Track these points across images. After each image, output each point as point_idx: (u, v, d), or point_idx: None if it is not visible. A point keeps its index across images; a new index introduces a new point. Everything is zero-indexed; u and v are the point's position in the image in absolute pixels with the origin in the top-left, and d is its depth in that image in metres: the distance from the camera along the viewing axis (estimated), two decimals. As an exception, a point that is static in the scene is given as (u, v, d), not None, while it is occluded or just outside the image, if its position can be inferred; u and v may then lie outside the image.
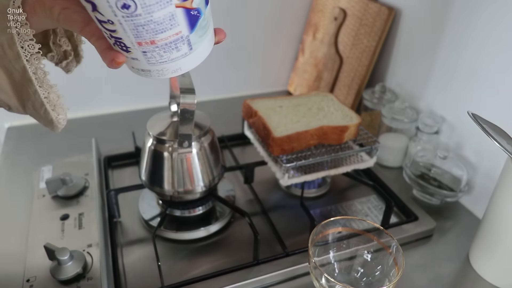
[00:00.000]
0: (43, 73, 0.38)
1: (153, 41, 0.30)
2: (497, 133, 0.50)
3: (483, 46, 0.64)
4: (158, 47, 0.31)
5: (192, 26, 0.31)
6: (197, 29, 0.31)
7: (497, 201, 0.54)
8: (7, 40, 0.34)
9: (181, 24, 0.30)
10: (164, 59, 0.32)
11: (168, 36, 0.30)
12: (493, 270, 0.56)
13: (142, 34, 0.29)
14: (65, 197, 0.62)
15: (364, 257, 0.51)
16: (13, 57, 0.35)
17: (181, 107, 0.51)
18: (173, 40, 0.31)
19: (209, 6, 0.32)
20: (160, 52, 0.31)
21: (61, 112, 0.40)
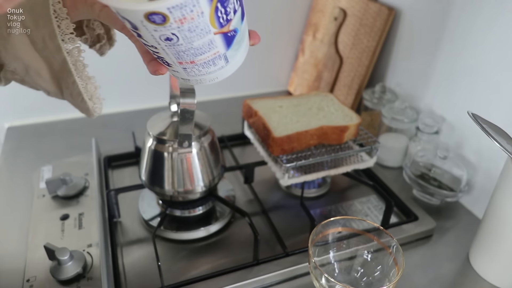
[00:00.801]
0: (82, 65, 0.39)
1: (192, 61, 0.33)
2: (497, 133, 0.50)
3: (483, 46, 0.64)
4: (197, 65, 0.33)
5: (228, 44, 0.33)
6: (233, 46, 0.34)
7: (497, 201, 0.54)
8: (48, 33, 0.35)
9: (218, 46, 0.32)
10: (202, 73, 0.35)
11: (206, 57, 0.33)
12: (493, 270, 0.56)
13: (183, 57, 0.32)
14: (65, 197, 0.62)
15: (364, 257, 0.51)
16: (54, 50, 0.36)
17: (181, 107, 0.51)
18: (211, 59, 0.33)
19: (245, 18, 0.34)
20: (199, 68, 0.34)
21: (97, 102, 0.42)
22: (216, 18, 0.29)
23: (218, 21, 0.30)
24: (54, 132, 0.88)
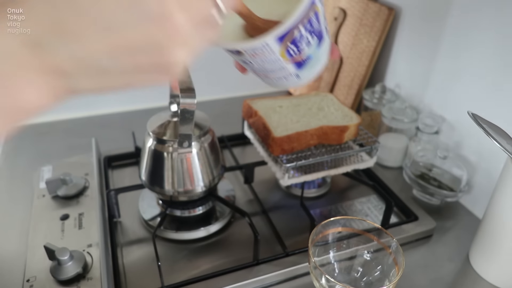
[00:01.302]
0: None
1: (266, 76, 0.37)
2: (497, 133, 0.50)
3: (483, 46, 0.64)
4: (270, 78, 0.37)
5: (300, 67, 0.35)
6: (305, 68, 0.36)
7: (497, 201, 0.53)
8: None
9: (290, 69, 0.35)
10: (275, 83, 0.38)
11: (278, 75, 0.36)
12: (493, 270, 0.56)
13: (257, 72, 0.37)
14: (65, 197, 0.62)
15: (364, 257, 0.51)
16: None
17: (181, 107, 0.51)
18: (283, 76, 0.36)
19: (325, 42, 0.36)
20: (272, 79, 0.38)
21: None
22: (287, 53, 0.32)
23: (289, 54, 0.33)
24: (54, 132, 0.88)
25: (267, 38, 0.30)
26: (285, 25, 0.30)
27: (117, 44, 0.20)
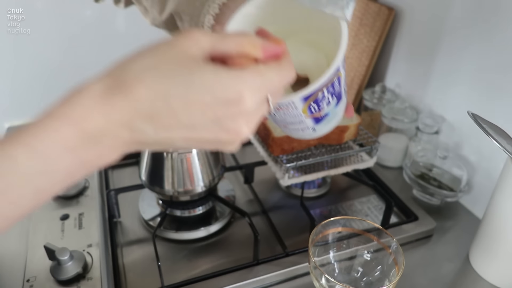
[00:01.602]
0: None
1: (285, 126, 0.40)
2: (497, 133, 0.50)
3: (483, 46, 0.64)
4: (289, 128, 0.41)
5: (317, 122, 0.39)
6: (322, 123, 0.39)
7: (497, 201, 0.53)
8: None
9: (308, 123, 0.38)
10: (291, 133, 0.42)
11: (296, 127, 0.39)
12: (493, 270, 0.56)
13: (277, 122, 0.40)
14: (65, 197, 0.62)
15: (364, 257, 0.51)
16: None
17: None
18: (300, 128, 0.39)
19: (342, 101, 0.39)
20: (290, 130, 0.41)
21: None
22: (308, 110, 0.36)
23: (310, 111, 0.36)
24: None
25: (294, 98, 0.34)
26: (312, 88, 0.33)
27: (193, 138, 0.27)
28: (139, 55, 0.26)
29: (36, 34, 0.82)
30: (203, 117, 0.25)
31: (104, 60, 0.68)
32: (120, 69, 0.25)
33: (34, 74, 0.86)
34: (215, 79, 0.25)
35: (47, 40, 0.84)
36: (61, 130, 0.23)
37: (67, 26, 0.84)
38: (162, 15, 0.51)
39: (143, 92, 0.24)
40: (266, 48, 0.28)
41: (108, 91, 0.24)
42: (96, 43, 0.88)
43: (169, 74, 0.24)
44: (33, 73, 0.86)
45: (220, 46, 0.26)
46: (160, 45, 0.26)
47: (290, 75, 0.29)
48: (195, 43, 0.26)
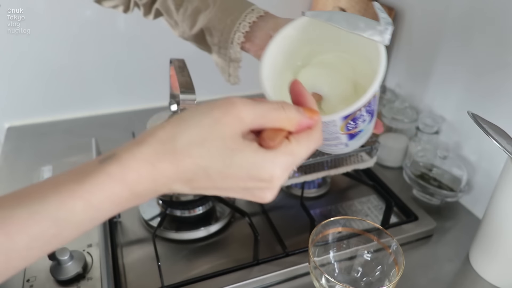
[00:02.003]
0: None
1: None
2: (497, 133, 0.50)
3: (483, 46, 0.64)
4: (323, 144, 0.42)
5: (351, 138, 0.40)
6: (355, 139, 0.41)
7: (497, 201, 0.53)
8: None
9: (342, 139, 0.40)
10: (325, 148, 0.43)
11: (330, 143, 0.41)
12: (493, 270, 0.56)
13: None
14: (65, 197, 0.62)
15: (364, 257, 0.51)
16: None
17: (181, 107, 0.51)
18: (334, 144, 0.41)
19: (373, 118, 0.41)
20: (324, 146, 0.42)
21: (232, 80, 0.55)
22: (345, 127, 0.38)
23: (346, 128, 0.38)
24: (54, 132, 0.88)
25: (337, 116, 0.36)
26: (354, 107, 0.35)
27: (223, 193, 0.30)
28: (186, 126, 0.28)
29: (36, 34, 0.82)
30: (236, 185, 0.29)
31: (104, 60, 0.68)
32: (168, 137, 0.28)
33: (34, 74, 0.86)
34: (252, 161, 0.28)
35: (47, 40, 0.84)
36: (115, 189, 0.26)
37: (67, 26, 0.84)
38: (193, 30, 0.52)
39: (189, 164, 0.27)
40: (300, 124, 0.31)
41: (157, 157, 0.27)
42: (96, 43, 0.88)
43: (213, 152, 0.28)
44: (33, 73, 0.86)
45: (260, 121, 0.29)
46: (206, 118, 0.28)
47: (317, 146, 0.32)
48: (239, 120, 0.28)
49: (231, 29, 0.49)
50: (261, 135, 0.29)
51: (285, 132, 0.30)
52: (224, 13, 0.49)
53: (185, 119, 0.28)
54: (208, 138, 0.28)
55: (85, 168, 0.27)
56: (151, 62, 0.93)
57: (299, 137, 0.30)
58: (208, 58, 0.59)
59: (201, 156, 0.28)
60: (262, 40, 0.48)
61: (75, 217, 0.26)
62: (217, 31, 0.50)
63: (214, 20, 0.50)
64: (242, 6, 0.50)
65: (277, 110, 0.30)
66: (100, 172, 0.26)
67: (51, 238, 0.26)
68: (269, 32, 0.47)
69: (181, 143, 0.27)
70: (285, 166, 0.30)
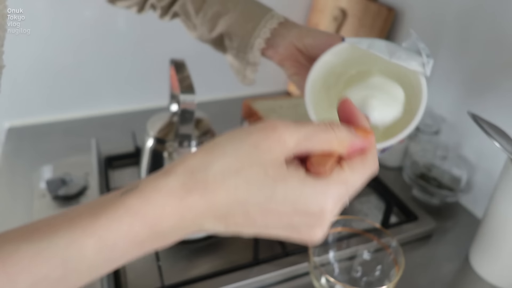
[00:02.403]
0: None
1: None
2: (497, 133, 0.50)
3: (482, 46, 0.64)
4: None
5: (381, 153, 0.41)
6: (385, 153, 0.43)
7: (497, 201, 0.54)
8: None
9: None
10: None
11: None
12: (493, 270, 0.56)
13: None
14: (65, 197, 0.62)
15: (364, 257, 0.51)
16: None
17: (181, 107, 0.51)
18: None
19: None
20: None
21: (247, 81, 0.55)
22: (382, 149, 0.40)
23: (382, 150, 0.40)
24: (54, 132, 0.88)
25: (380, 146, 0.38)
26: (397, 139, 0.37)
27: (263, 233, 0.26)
28: (221, 153, 0.24)
29: (36, 34, 0.82)
30: (279, 222, 0.25)
31: (104, 60, 0.68)
32: (200, 166, 0.24)
33: (34, 74, 0.86)
34: (298, 192, 0.24)
35: (47, 40, 0.84)
36: (134, 226, 0.23)
37: (67, 26, 0.84)
38: (212, 34, 0.53)
39: (223, 197, 0.24)
40: (353, 146, 0.27)
41: (185, 188, 0.23)
42: (96, 43, 0.88)
43: (251, 183, 0.24)
44: (33, 73, 0.86)
45: (305, 145, 0.25)
46: (244, 143, 0.24)
47: (373, 172, 0.28)
48: (281, 145, 0.25)
49: (251, 35, 0.49)
50: (309, 161, 0.25)
51: (335, 156, 0.26)
52: (245, 18, 0.50)
53: (220, 145, 0.25)
54: (245, 166, 0.24)
55: (104, 200, 0.24)
56: (151, 62, 0.93)
57: (352, 163, 0.26)
58: (208, 58, 0.60)
59: (237, 187, 0.24)
60: (286, 49, 0.48)
61: (85, 257, 0.22)
62: (237, 36, 0.50)
63: (235, 25, 0.50)
64: (262, 12, 0.50)
65: (325, 130, 0.26)
66: (119, 206, 0.23)
67: (56, 282, 0.22)
68: (293, 42, 0.47)
69: (214, 173, 0.24)
70: (338, 197, 0.25)
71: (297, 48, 0.48)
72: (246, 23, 0.49)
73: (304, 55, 0.48)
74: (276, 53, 0.49)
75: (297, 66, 0.48)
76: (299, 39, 0.47)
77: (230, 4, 0.51)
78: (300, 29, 0.48)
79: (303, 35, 0.47)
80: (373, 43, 0.39)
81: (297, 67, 0.48)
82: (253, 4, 0.52)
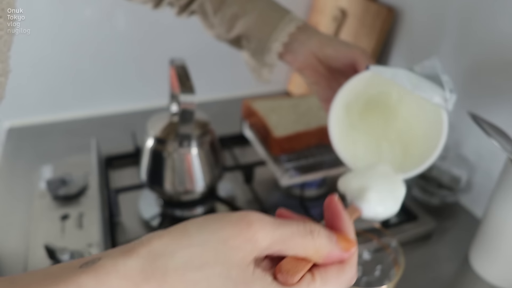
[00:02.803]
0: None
1: None
2: (497, 133, 0.50)
3: (482, 46, 0.64)
4: None
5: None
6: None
7: (497, 201, 0.54)
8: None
9: None
10: None
11: None
12: (493, 270, 0.56)
13: None
14: (65, 197, 0.62)
15: (364, 257, 0.51)
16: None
17: (181, 107, 0.51)
18: None
19: None
20: None
21: (263, 80, 0.55)
22: None
23: None
24: (54, 132, 0.88)
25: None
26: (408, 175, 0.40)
27: None
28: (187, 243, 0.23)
29: (36, 34, 0.82)
30: None
31: (104, 60, 0.68)
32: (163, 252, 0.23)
33: (34, 74, 0.86)
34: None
35: (47, 40, 0.84)
36: None
37: (67, 26, 0.84)
38: (229, 35, 0.53)
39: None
40: (330, 257, 0.25)
41: (143, 274, 0.22)
42: (96, 43, 0.88)
43: (211, 282, 0.23)
44: (33, 73, 0.86)
45: (279, 247, 0.24)
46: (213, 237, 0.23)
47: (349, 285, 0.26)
48: (252, 244, 0.23)
49: (269, 38, 0.49)
50: (279, 265, 0.24)
51: (309, 264, 0.24)
52: (263, 21, 0.50)
53: (188, 234, 0.24)
54: (210, 263, 0.23)
55: (61, 270, 0.22)
56: (151, 62, 0.93)
57: (326, 274, 0.25)
58: (208, 58, 0.59)
59: (196, 284, 0.22)
60: (305, 57, 0.48)
61: None
62: (255, 38, 0.51)
63: (253, 27, 0.50)
64: (280, 15, 0.50)
65: (304, 236, 0.24)
66: (70, 283, 0.21)
67: None
68: (313, 50, 0.47)
69: (176, 263, 0.23)
70: None
71: (317, 57, 0.48)
72: (264, 26, 0.49)
73: (323, 65, 0.48)
74: (296, 60, 0.49)
75: (316, 76, 0.48)
76: (319, 49, 0.47)
77: (249, 5, 0.51)
78: (320, 37, 0.48)
79: (323, 44, 0.46)
80: (396, 73, 0.39)
81: (316, 77, 0.48)
82: (272, 6, 0.51)
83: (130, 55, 0.92)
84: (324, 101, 0.49)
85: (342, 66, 0.47)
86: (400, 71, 0.39)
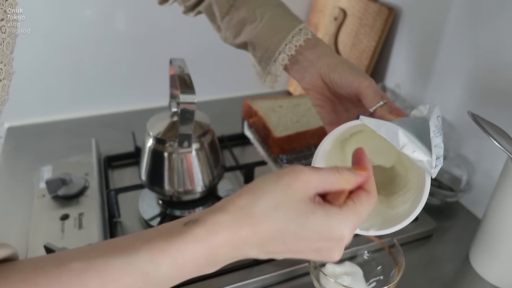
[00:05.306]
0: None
1: None
2: (497, 133, 0.49)
3: (482, 46, 0.64)
4: None
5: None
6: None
7: (497, 201, 0.53)
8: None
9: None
10: None
11: None
12: (493, 270, 0.56)
13: None
14: (65, 197, 0.62)
15: (364, 257, 0.51)
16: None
17: (181, 107, 0.51)
18: None
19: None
20: None
21: (267, 85, 0.55)
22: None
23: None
24: (54, 132, 0.88)
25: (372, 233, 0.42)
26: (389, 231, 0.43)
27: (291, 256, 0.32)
28: (261, 193, 0.30)
29: (36, 34, 0.82)
30: (308, 246, 0.31)
31: (104, 60, 0.68)
32: (246, 204, 0.30)
33: (34, 74, 0.86)
34: (324, 223, 0.30)
35: (47, 40, 0.84)
36: (199, 251, 0.28)
37: (67, 26, 0.84)
38: (236, 40, 0.53)
39: (267, 228, 0.29)
40: (357, 182, 0.33)
41: (237, 223, 0.29)
42: (96, 43, 0.88)
43: (288, 216, 0.30)
44: (32, 73, 0.86)
45: (323, 185, 0.32)
46: (278, 185, 0.30)
47: (375, 205, 0.34)
48: (307, 185, 0.31)
49: (276, 49, 0.49)
50: (326, 198, 0.32)
51: (346, 192, 0.33)
52: (271, 30, 0.49)
53: (259, 187, 0.31)
54: (282, 202, 0.30)
55: (171, 228, 0.29)
56: (151, 62, 0.93)
57: (360, 197, 0.33)
58: (208, 58, 0.59)
59: (278, 219, 0.29)
60: (312, 79, 0.48)
61: (160, 273, 0.27)
62: (262, 48, 0.50)
63: (260, 36, 0.50)
64: (290, 25, 0.49)
65: (335, 174, 0.32)
66: (187, 233, 0.28)
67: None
68: (321, 73, 0.47)
69: (259, 209, 0.29)
70: (353, 225, 0.31)
71: (323, 80, 0.47)
72: (272, 36, 0.49)
73: (329, 88, 0.48)
74: (303, 80, 0.49)
75: (321, 98, 0.48)
76: (326, 73, 0.46)
77: (258, 11, 0.50)
78: (329, 60, 0.47)
79: (331, 69, 0.46)
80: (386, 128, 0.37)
81: (321, 100, 0.48)
82: (281, 15, 0.50)
83: (130, 55, 0.92)
84: (327, 124, 0.48)
85: (347, 94, 0.46)
86: (391, 126, 0.36)
